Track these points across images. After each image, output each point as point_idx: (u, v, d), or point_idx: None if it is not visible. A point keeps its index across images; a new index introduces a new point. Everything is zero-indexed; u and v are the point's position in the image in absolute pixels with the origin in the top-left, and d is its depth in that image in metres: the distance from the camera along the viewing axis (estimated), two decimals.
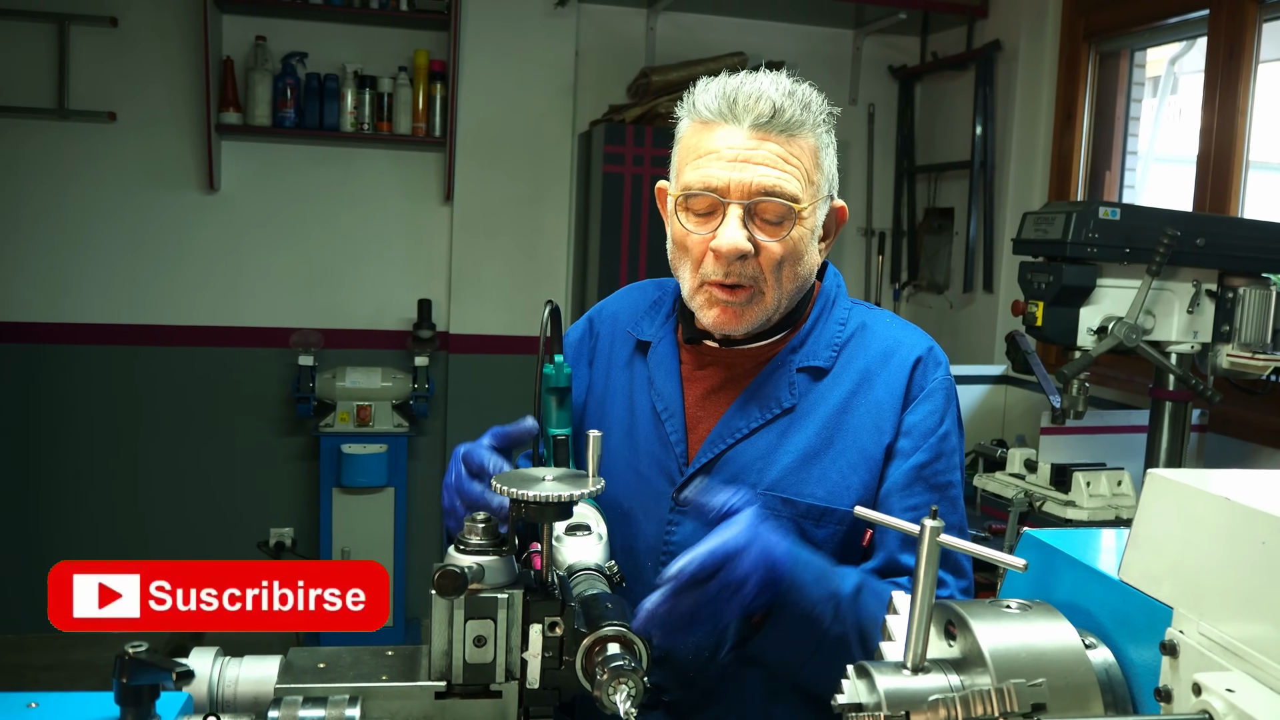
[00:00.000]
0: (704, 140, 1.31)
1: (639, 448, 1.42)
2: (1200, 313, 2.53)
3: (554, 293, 4.38)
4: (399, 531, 4.20)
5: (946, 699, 0.76)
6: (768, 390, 1.38)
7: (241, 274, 4.33)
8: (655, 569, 1.37)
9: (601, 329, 1.55)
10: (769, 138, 1.29)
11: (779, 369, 1.39)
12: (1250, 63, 2.95)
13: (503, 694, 1.04)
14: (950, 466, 1.36)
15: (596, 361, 1.53)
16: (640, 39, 4.42)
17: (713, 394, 1.42)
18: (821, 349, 1.40)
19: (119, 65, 4.09)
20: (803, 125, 1.30)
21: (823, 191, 1.35)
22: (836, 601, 1.18)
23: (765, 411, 1.37)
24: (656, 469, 1.40)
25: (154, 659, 0.85)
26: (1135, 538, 0.81)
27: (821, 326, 1.42)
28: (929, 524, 0.82)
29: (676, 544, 1.36)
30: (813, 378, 1.38)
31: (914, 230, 4.55)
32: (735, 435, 1.37)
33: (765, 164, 1.28)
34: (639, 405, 1.44)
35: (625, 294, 1.60)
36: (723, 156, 1.29)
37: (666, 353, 1.45)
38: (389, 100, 4.24)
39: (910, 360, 1.38)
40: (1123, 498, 2.61)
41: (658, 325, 1.49)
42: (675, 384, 1.43)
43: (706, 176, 1.29)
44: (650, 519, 1.39)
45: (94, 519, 4.29)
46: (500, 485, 1.04)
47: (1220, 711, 0.67)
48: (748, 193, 1.28)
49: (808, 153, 1.31)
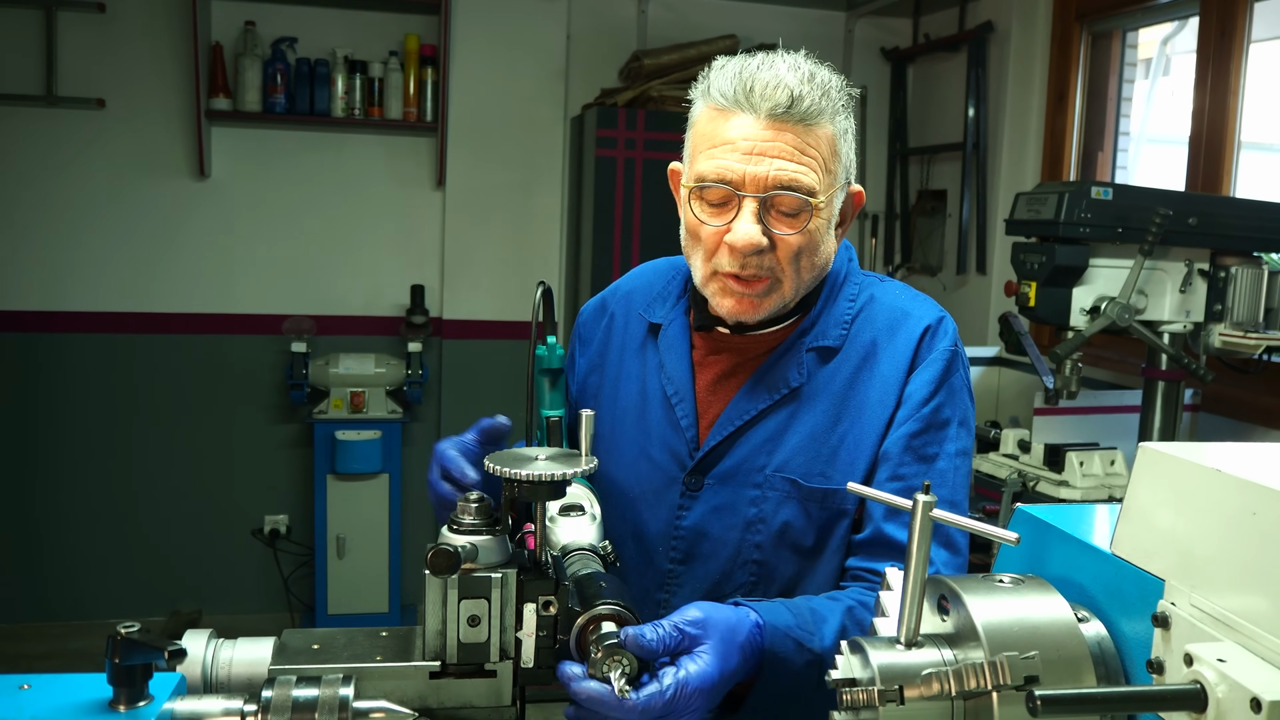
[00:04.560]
0: (719, 128, 1.27)
1: (650, 432, 1.41)
2: (1192, 292, 2.53)
3: (547, 277, 4.37)
4: (394, 517, 4.20)
5: (940, 673, 0.76)
6: (776, 372, 1.37)
7: (233, 261, 4.31)
8: (666, 554, 1.37)
9: (615, 309, 1.53)
10: (786, 128, 1.24)
11: (789, 351, 1.37)
12: (1242, 43, 2.94)
13: (497, 673, 1.04)
14: (940, 439, 1.33)
15: (611, 341, 1.51)
16: (632, 22, 4.41)
17: (724, 379, 1.40)
18: (831, 328, 1.38)
19: (107, 51, 4.07)
20: (821, 114, 1.26)
21: (840, 180, 1.31)
22: (820, 664, 1.15)
23: (773, 393, 1.36)
24: (667, 453, 1.39)
25: (147, 639, 0.85)
26: (1127, 511, 0.81)
27: (832, 306, 1.40)
28: (921, 499, 0.82)
29: (687, 529, 1.36)
30: (822, 357, 1.37)
31: (907, 212, 4.55)
32: (744, 417, 1.36)
33: (782, 156, 1.24)
34: (650, 389, 1.43)
35: (640, 273, 1.58)
36: (738, 148, 1.25)
37: (677, 336, 1.44)
38: (380, 85, 4.22)
39: (918, 331, 1.36)
40: (1116, 477, 2.61)
41: (669, 308, 1.47)
42: (686, 368, 1.41)
43: (721, 168, 1.25)
44: (661, 503, 1.38)
45: (88, 507, 4.28)
46: (493, 465, 1.04)
47: (1212, 681, 0.67)
48: (763, 186, 1.25)
49: (825, 142, 1.27)
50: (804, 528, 1.33)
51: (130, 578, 4.33)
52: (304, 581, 4.38)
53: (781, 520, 1.33)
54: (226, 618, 4.29)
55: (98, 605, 4.29)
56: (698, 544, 1.36)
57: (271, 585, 4.38)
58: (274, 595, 4.38)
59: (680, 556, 1.36)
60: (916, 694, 0.77)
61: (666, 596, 1.36)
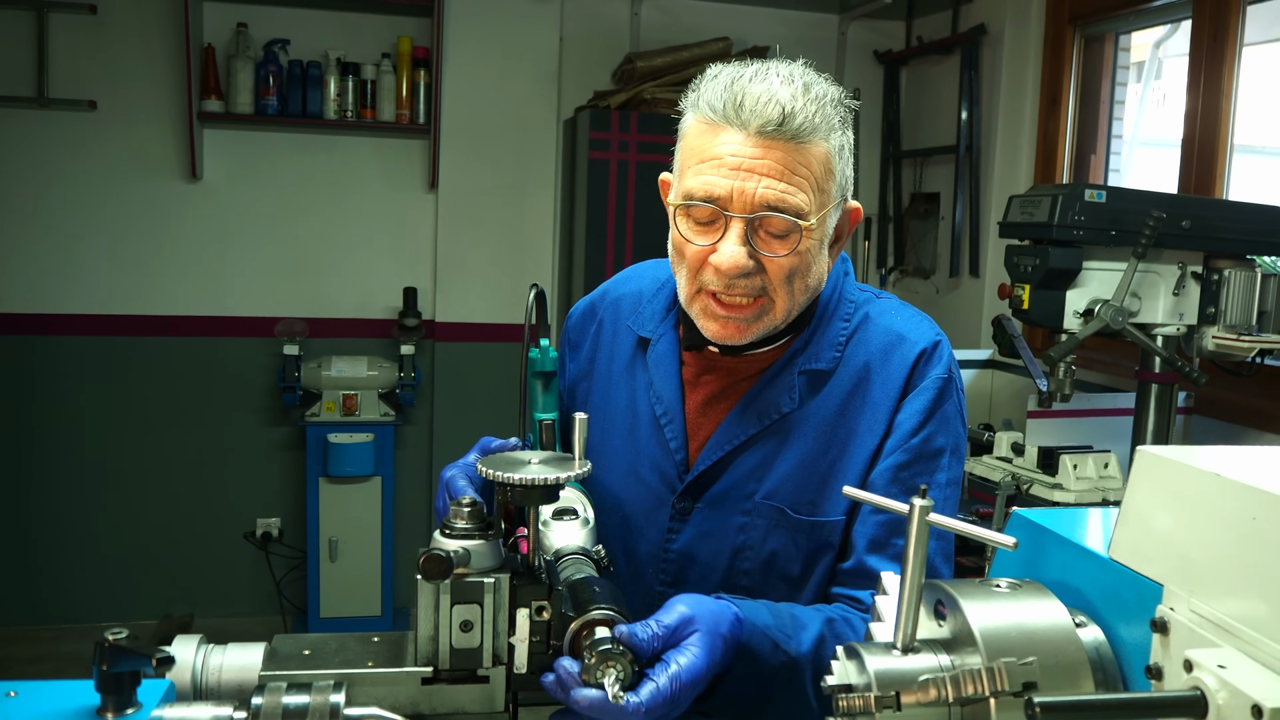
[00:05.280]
0: (707, 143, 1.22)
1: (640, 451, 1.38)
2: (1186, 295, 2.53)
3: (540, 279, 4.36)
4: (386, 521, 4.18)
5: (937, 679, 0.75)
6: (768, 396, 1.33)
7: (225, 263, 4.29)
8: (656, 575, 1.35)
9: (604, 315, 1.49)
10: (776, 145, 1.19)
11: (780, 373, 1.33)
12: (1235, 45, 2.95)
13: (490, 679, 1.03)
14: (932, 469, 1.29)
15: (600, 350, 1.47)
16: (625, 24, 4.40)
17: (714, 400, 1.37)
18: (825, 350, 1.33)
19: (99, 53, 4.05)
20: (814, 131, 1.20)
21: (834, 198, 1.25)
22: (793, 666, 1.14)
23: (764, 418, 1.32)
24: (657, 475, 1.37)
25: (134, 645, 0.84)
26: (1125, 515, 0.81)
27: (825, 327, 1.35)
28: (918, 503, 0.81)
29: (676, 551, 1.35)
30: (815, 380, 1.32)
31: (900, 215, 4.55)
32: (734, 442, 1.32)
33: (770, 175, 1.19)
34: (640, 407, 1.40)
35: (628, 278, 1.52)
36: (725, 164, 1.20)
37: (666, 353, 1.39)
38: (372, 87, 4.21)
39: (912, 357, 1.31)
40: (1110, 480, 2.61)
41: (658, 321, 1.42)
42: (675, 388, 1.37)
43: (708, 184, 1.20)
44: (651, 524, 1.36)
45: (80, 509, 4.26)
46: (486, 469, 1.04)
47: (1212, 688, 0.66)
48: (750, 206, 1.20)
49: (818, 160, 1.21)
50: (791, 556, 1.31)
51: (122, 580, 4.31)
52: (296, 585, 4.36)
53: (770, 549, 1.31)
54: (219, 621, 4.28)
55: (90, 608, 4.27)
56: (687, 568, 1.34)
57: (264, 588, 4.36)
58: (266, 598, 4.36)
59: (670, 580, 1.35)
60: (913, 700, 0.76)
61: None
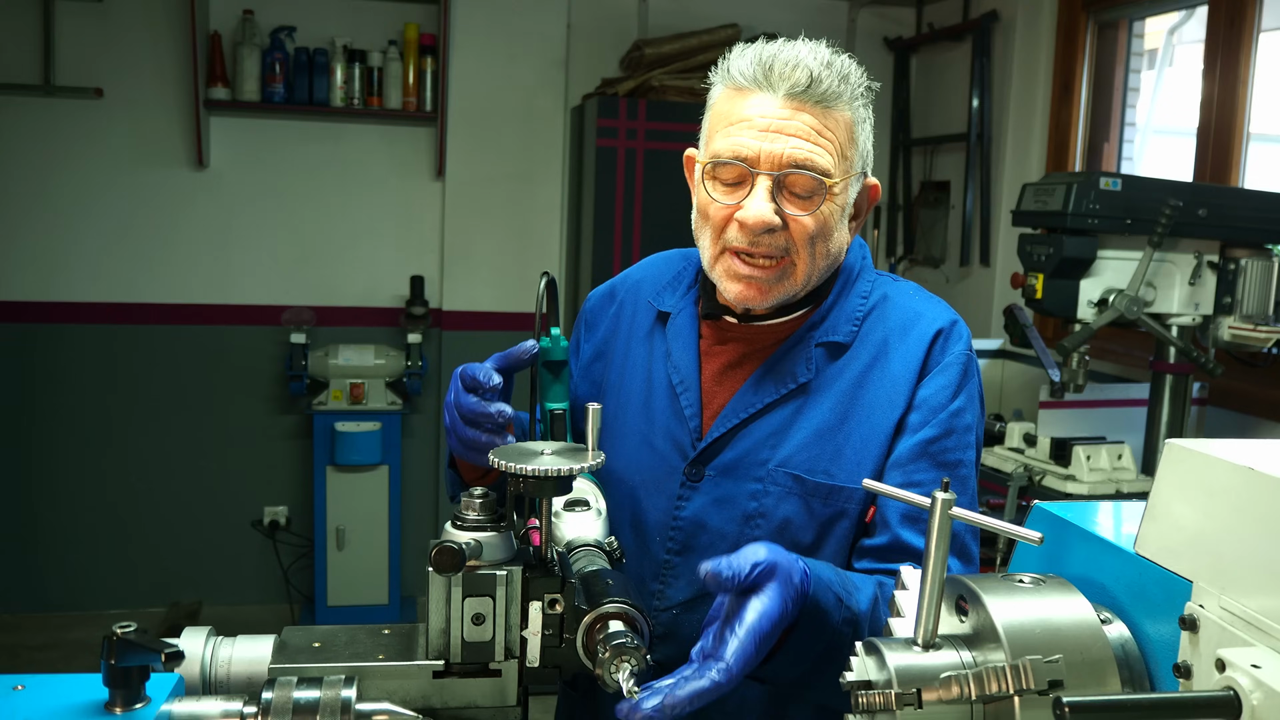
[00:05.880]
0: (736, 107, 1.27)
1: (654, 420, 1.39)
2: (1202, 284, 2.51)
3: (547, 268, 4.34)
4: (393, 509, 4.17)
5: (959, 676, 0.74)
6: (784, 366, 1.34)
7: (232, 251, 4.29)
8: (663, 544, 1.35)
9: (624, 296, 1.52)
10: (804, 108, 1.24)
11: (797, 345, 1.35)
12: (1251, 31, 2.92)
13: (502, 673, 1.02)
14: (961, 445, 1.31)
15: (619, 329, 1.49)
16: (633, 11, 4.38)
17: (730, 369, 1.38)
18: (842, 324, 1.36)
19: (105, 41, 4.04)
20: (839, 97, 1.25)
21: (856, 168, 1.30)
22: (855, 623, 1.12)
23: (780, 387, 1.33)
24: (670, 442, 1.37)
25: (143, 639, 0.82)
26: (1152, 510, 0.79)
27: (843, 301, 1.37)
28: (940, 496, 0.80)
29: (685, 520, 1.34)
30: (832, 353, 1.35)
31: (910, 204, 4.52)
32: (749, 410, 1.33)
33: (798, 135, 1.23)
34: (656, 377, 1.41)
35: (650, 263, 1.56)
36: (754, 125, 1.24)
37: (685, 325, 1.42)
38: (379, 75, 4.19)
39: (930, 333, 1.34)
40: (1123, 471, 2.59)
41: (678, 297, 1.45)
42: (692, 357, 1.39)
43: (737, 145, 1.25)
44: (661, 493, 1.36)
45: (87, 498, 4.26)
46: (498, 460, 1.02)
47: (1246, 688, 0.64)
48: (778, 164, 1.24)
49: (843, 126, 1.27)
50: (804, 524, 1.31)
51: (129, 569, 4.32)
52: (304, 573, 4.36)
53: (782, 516, 1.31)
54: (226, 609, 4.28)
55: (97, 596, 4.28)
56: (696, 535, 1.34)
57: (271, 577, 4.36)
58: (274, 587, 4.36)
59: (677, 547, 1.35)
60: (935, 697, 0.75)
61: (661, 587, 1.34)
